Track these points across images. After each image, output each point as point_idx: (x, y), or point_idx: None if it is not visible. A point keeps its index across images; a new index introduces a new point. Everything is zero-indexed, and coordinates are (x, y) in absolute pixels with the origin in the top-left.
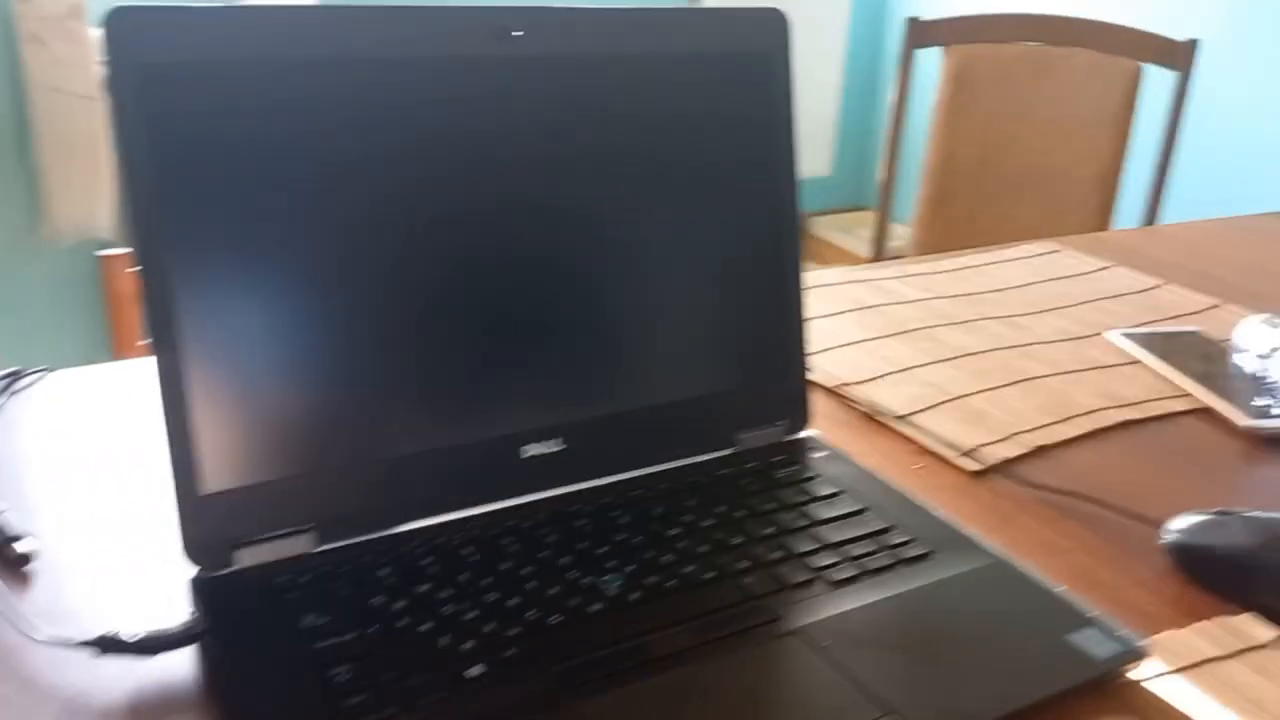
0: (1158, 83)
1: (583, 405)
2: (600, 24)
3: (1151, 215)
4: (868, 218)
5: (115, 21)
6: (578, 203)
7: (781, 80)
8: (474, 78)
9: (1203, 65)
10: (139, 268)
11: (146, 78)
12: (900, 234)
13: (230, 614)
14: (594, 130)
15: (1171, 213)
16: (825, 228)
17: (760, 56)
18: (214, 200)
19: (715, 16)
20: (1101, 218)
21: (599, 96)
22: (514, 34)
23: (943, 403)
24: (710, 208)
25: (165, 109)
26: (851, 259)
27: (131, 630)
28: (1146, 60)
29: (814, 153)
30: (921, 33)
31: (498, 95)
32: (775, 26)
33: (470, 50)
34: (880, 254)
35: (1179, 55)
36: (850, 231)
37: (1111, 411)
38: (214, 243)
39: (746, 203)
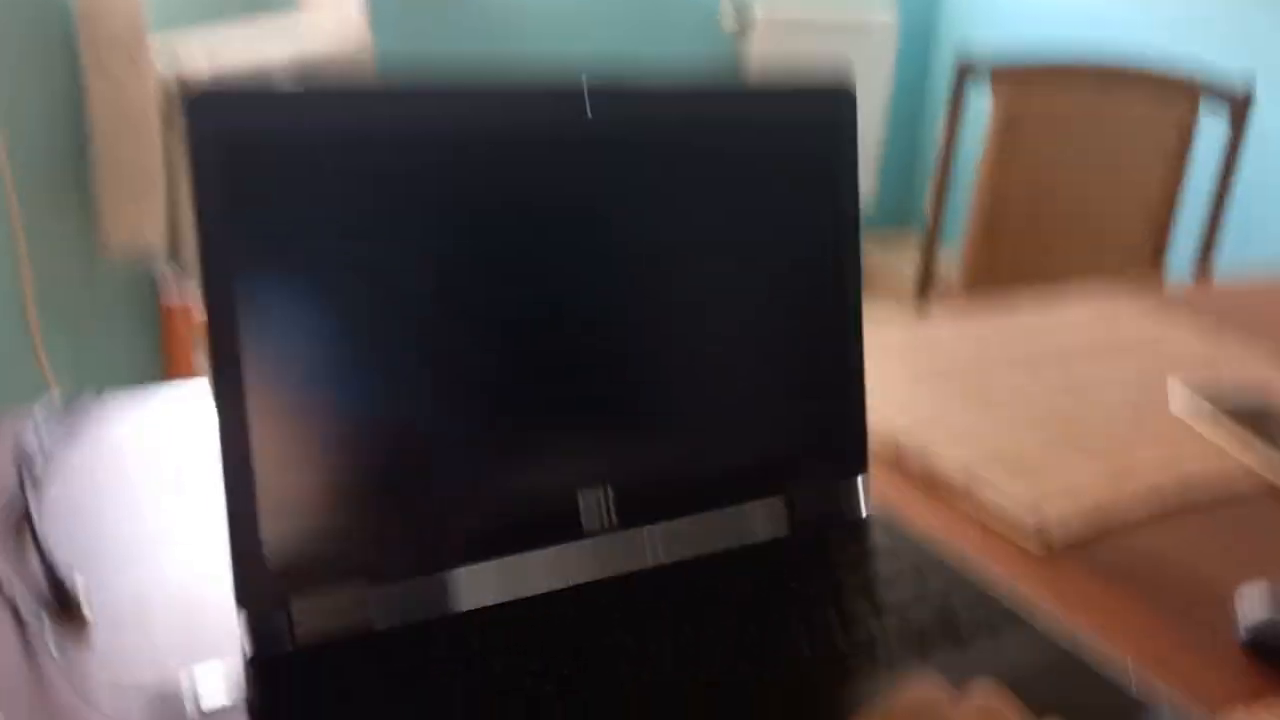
0: (1216, 126)
1: (639, 457)
2: (670, 98)
3: (1205, 257)
4: (911, 237)
5: (195, 101)
6: (643, 266)
7: (848, 151)
8: (546, 149)
9: (1264, 104)
10: (207, 318)
11: (223, 147)
12: (947, 256)
13: (286, 695)
14: (660, 196)
15: (1227, 254)
16: (867, 246)
17: (829, 129)
18: (284, 258)
19: (786, 90)
20: (1155, 259)
21: (668, 165)
22: (587, 110)
23: (1003, 472)
24: (774, 267)
25: (240, 175)
26: (894, 278)
27: (190, 698)
28: (1201, 108)
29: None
30: (970, 74)
31: (569, 163)
32: (844, 100)
33: (543, 125)
34: (929, 280)
35: (1234, 103)
36: (893, 250)
37: (1178, 486)
38: (281, 298)
39: (811, 262)
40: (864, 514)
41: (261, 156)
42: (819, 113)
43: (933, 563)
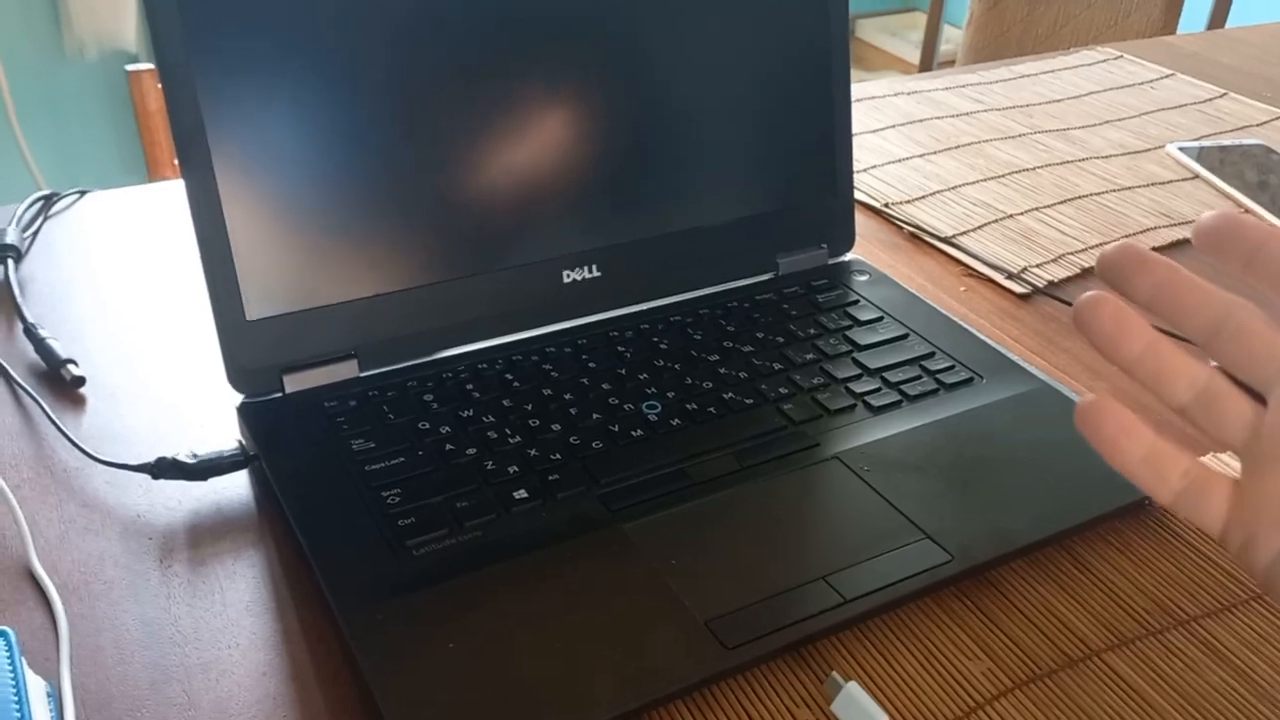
0: None
1: (622, 229)
2: None
3: (1219, 14)
4: (917, 20)
5: None
6: (619, 26)
7: None
8: None
9: None
10: (163, 85)
11: None
12: (952, 37)
13: (280, 439)
14: None
15: (1239, 12)
16: (872, 31)
17: None
18: (242, 10)
19: None
20: (1167, 18)
21: None
22: None
23: (991, 222)
24: (755, 22)
25: None
26: (899, 64)
27: (186, 454)
28: None
29: None
30: None
31: None
32: None
33: None
34: (931, 59)
35: None
36: (898, 35)
37: (1165, 230)
38: (242, 58)
39: (793, 16)
40: (850, 275)
41: None
42: None
43: (916, 311)
